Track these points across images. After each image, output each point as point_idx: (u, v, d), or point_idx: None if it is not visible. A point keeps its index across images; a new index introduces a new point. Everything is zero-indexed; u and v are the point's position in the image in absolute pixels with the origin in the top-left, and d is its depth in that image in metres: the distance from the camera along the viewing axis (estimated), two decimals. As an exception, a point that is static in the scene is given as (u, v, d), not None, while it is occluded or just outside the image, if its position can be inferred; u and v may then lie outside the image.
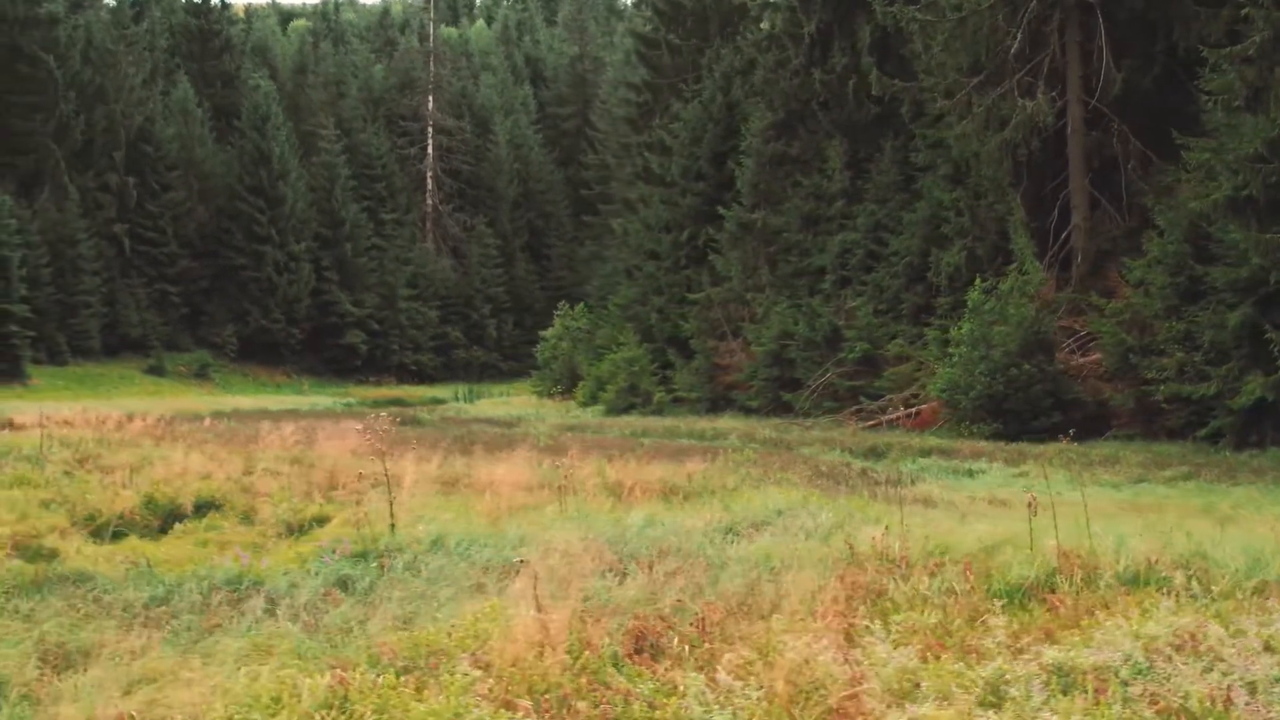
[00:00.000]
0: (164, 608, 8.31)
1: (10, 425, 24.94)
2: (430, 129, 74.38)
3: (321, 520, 12.04)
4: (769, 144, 35.64)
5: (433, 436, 22.66)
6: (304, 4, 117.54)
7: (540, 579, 7.39)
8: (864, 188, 34.35)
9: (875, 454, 22.56)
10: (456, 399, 48.66)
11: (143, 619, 7.94)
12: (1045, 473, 18.96)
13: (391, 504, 11.08)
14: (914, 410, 26.93)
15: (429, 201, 74.02)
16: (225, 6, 72.75)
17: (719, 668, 5.54)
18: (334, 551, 9.84)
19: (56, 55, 57.23)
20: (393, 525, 10.97)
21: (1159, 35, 27.89)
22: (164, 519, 12.38)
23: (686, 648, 5.89)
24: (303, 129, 67.62)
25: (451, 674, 5.20)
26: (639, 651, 6.06)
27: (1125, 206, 28.79)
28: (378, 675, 5.58)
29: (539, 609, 6.04)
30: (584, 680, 5.28)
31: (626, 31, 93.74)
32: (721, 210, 36.08)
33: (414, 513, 12.49)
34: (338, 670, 5.62)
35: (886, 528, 9.87)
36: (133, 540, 11.47)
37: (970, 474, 19.57)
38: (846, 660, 5.69)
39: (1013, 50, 28.23)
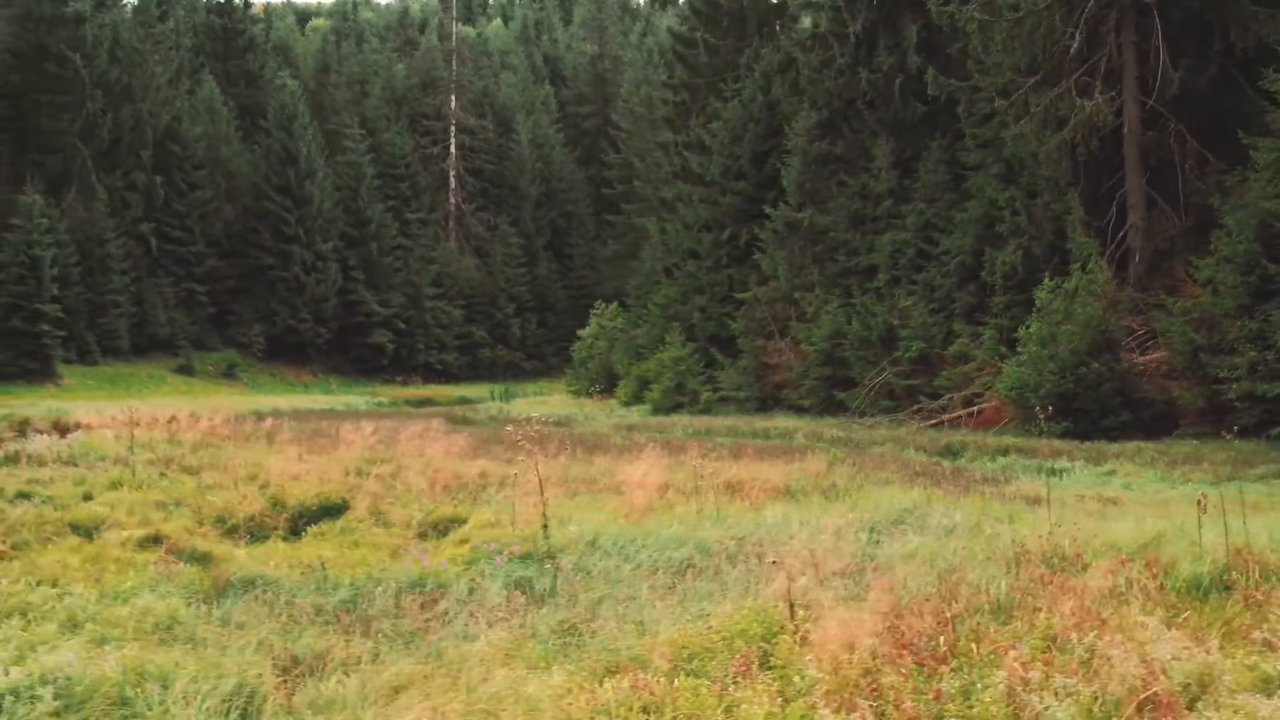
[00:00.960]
0: (356, 611, 8.25)
1: (77, 426, 24.88)
2: (453, 128, 74.31)
3: (456, 521, 11.96)
4: (814, 143, 35.56)
5: (498, 437, 22.54)
6: (318, 3, 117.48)
7: (775, 577, 7.34)
8: (911, 187, 34.29)
9: (950, 453, 22.49)
10: (492, 398, 48.55)
11: (346, 622, 7.87)
12: (1135, 471, 19.01)
13: (545, 505, 11.00)
14: (976, 409, 26.86)
15: (452, 201, 73.94)
16: (248, 5, 72.65)
17: (1017, 666, 5.48)
18: (502, 553, 9.78)
19: (83, 54, 57.11)
20: (545, 526, 10.91)
21: (1215, 35, 27.84)
22: (292, 521, 12.30)
23: (974, 646, 5.82)
24: (326, 128, 67.54)
25: (784, 676, 5.12)
26: (907, 649, 6.01)
27: (1182, 206, 28.73)
28: (670, 679, 5.49)
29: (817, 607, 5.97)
30: (901, 679, 5.21)
31: (644, 31, 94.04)
32: (768, 210, 35.98)
33: (551, 513, 12.44)
34: (633, 673, 5.54)
35: (1051, 528, 9.79)
36: (275, 542, 11.41)
37: (1055, 472, 19.46)
38: (1143, 660, 5.62)
39: (1073, 50, 28.15)
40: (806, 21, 43.13)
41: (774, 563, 7.45)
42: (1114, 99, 28.58)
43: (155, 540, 11.53)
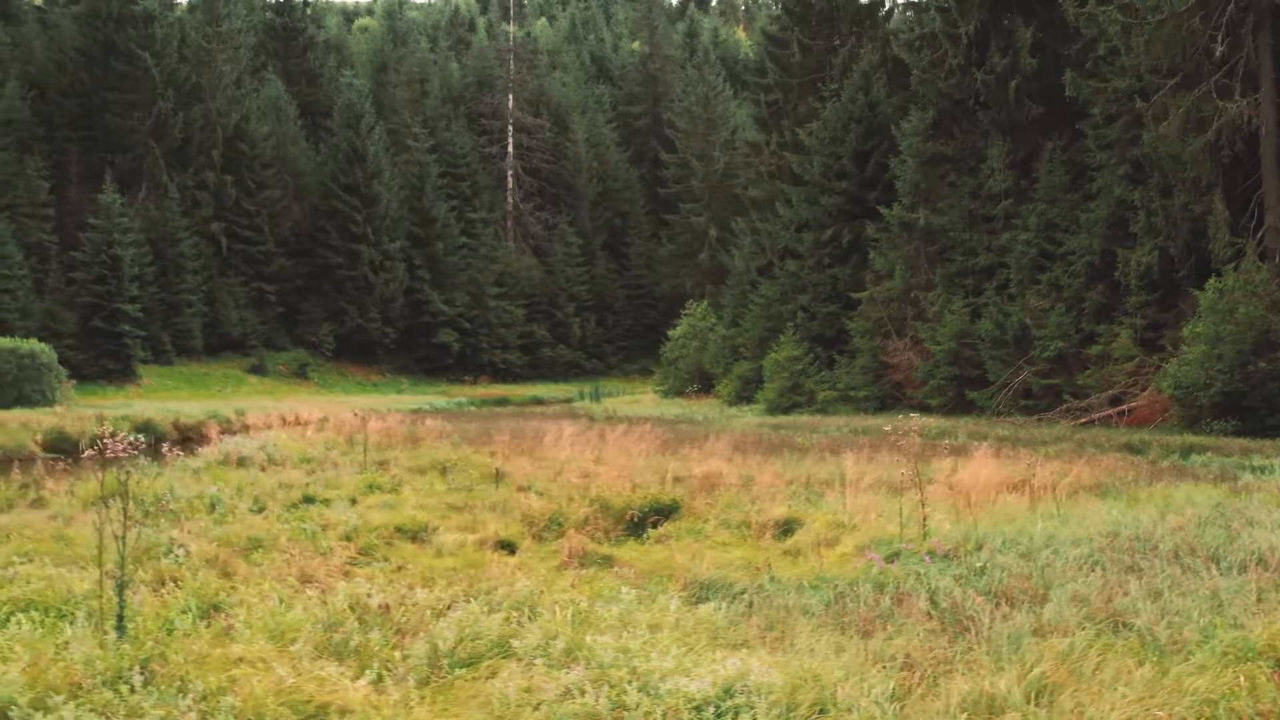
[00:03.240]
0: (834, 609, 8.18)
1: (244, 428, 24.92)
2: (510, 127, 74.28)
3: (794, 522, 11.92)
4: (927, 143, 35.55)
5: (686, 436, 22.53)
6: (356, 3, 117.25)
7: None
8: (1028, 187, 34.27)
9: (1132, 449, 22.43)
10: (580, 397, 48.48)
11: (861, 624, 7.79)
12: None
13: (923, 504, 10.99)
14: (1127, 408, 26.84)
15: (509, 200, 73.92)
16: (306, 4, 72.59)
17: None
18: (926, 554, 9.74)
19: (153, 52, 57.09)
20: (924, 527, 10.90)
21: (1354, 36, 27.83)
22: (621, 523, 12.28)
23: None
24: (387, 127, 67.50)
25: None
26: None
27: (1320, 206, 28.67)
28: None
29: None
30: None
31: (689, 31, 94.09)
32: (881, 210, 35.96)
33: (878, 510, 12.43)
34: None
35: None
36: (629, 545, 11.38)
37: (1260, 470, 19.46)
38: None
39: (1217, 53, 28.13)
40: (903, 22, 43.18)
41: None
42: (1254, 101, 28.56)
43: (501, 544, 11.52)
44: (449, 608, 7.25)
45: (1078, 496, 13.45)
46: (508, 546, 11.43)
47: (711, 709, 5.66)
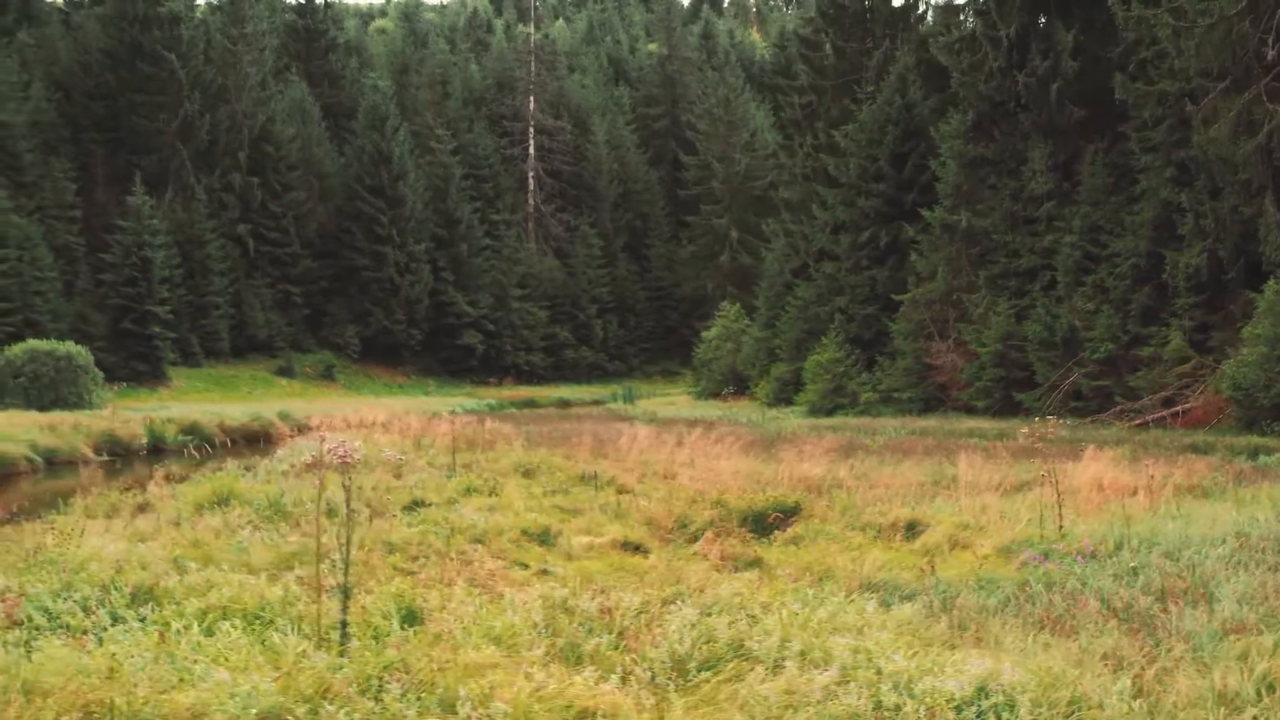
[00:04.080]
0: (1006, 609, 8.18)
1: (303, 429, 24.95)
2: (532, 129, 74.37)
3: (917, 523, 11.93)
4: (968, 145, 35.59)
5: (770, 439, 22.56)
6: (369, 4, 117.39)
7: None
8: (1069, 189, 34.30)
9: (1197, 450, 22.45)
10: (614, 399, 48.53)
11: (1045, 621, 7.79)
12: None
13: (1059, 506, 11.02)
14: (1181, 409, 26.87)
15: (530, 202, 74.01)
16: (328, 6, 72.65)
17: None
18: (1079, 555, 9.76)
19: (179, 54, 57.13)
20: (1061, 527, 10.93)
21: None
22: (745, 525, 12.29)
23: None
24: (410, 129, 67.53)
25: None
26: None
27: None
28: None
29: None
30: None
31: (704, 33, 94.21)
32: (922, 212, 36.01)
33: (998, 512, 12.46)
34: None
35: None
36: (778, 547, 11.38)
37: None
38: None
39: (1269, 56, 28.14)
40: (934, 23, 43.23)
41: None
42: (1311, 103, 28.58)
43: (630, 547, 11.53)
44: (661, 611, 7.24)
45: (1182, 498, 13.49)
46: (638, 549, 11.43)
47: (972, 708, 5.67)
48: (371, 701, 5.66)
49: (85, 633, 6.98)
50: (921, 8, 44.21)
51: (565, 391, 59.24)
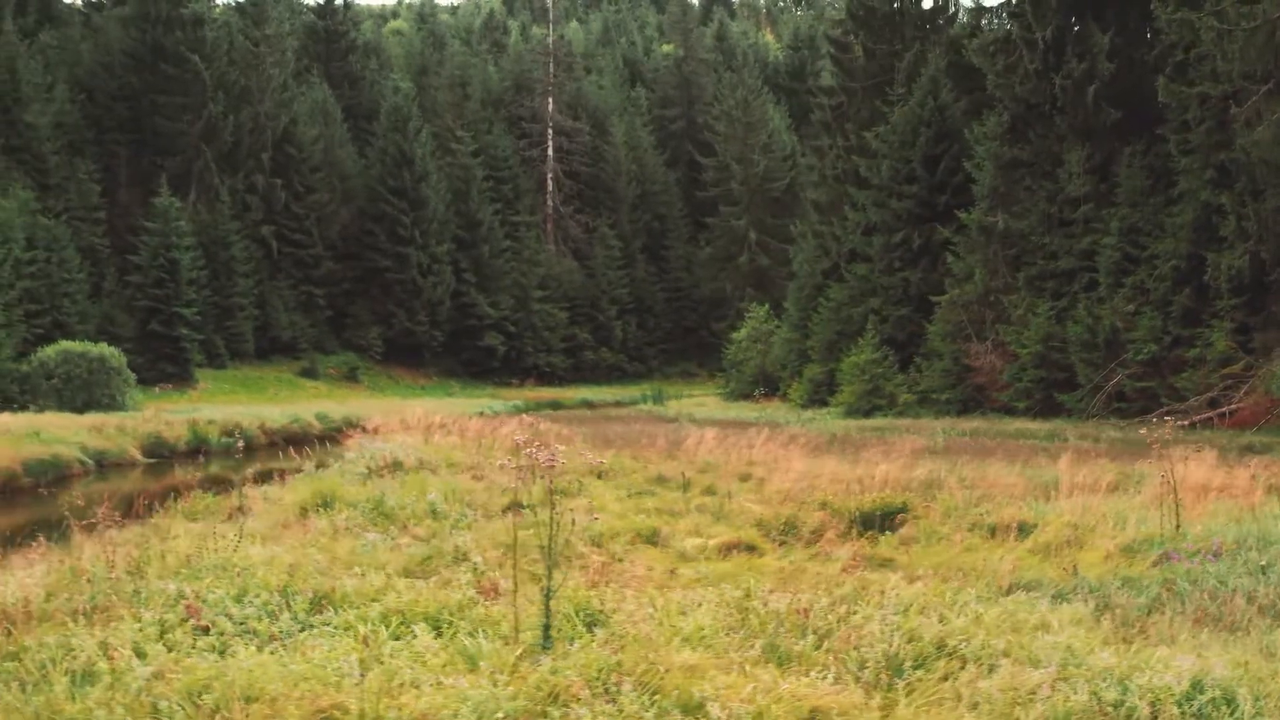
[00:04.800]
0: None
1: (364, 429, 25.03)
2: (550, 130, 74.48)
3: (1026, 524, 11.99)
4: (1004, 147, 35.70)
5: (843, 440, 22.64)
6: (382, 5, 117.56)
7: None
8: (1106, 191, 34.39)
9: (1253, 450, 22.60)
10: (644, 401, 48.61)
11: (1202, 618, 7.85)
12: None
13: (1177, 506, 11.09)
14: (1226, 410, 26.97)
15: (549, 203, 74.13)
16: (348, 6, 72.75)
17: None
18: (1210, 555, 9.83)
19: (203, 55, 57.21)
20: (1178, 524, 11.01)
21: None
22: (852, 526, 12.36)
23: None
24: (430, 130, 67.61)
25: None
26: None
27: None
28: None
29: None
30: None
31: (718, 35, 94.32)
32: (960, 214, 36.10)
33: (1102, 513, 12.53)
34: None
35: None
36: (894, 548, 11.44)
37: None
38: None
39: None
40: (964, 26, 43.32)
41: None
42: (1348, 103, 28.67)
43: (742, 548, 11.60)
44: (847, 612, 7.29)
45: (1270, 497, 13.57)
46: (750, 550, 11.49)
47: (1192, 703, 5.73)
48: (609, 704, 5.67)
49: (273, 638, 6.98)
50: (951, 9, 44.30)
51: (587, 393, 59.28)
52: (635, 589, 9.15)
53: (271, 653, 6.49)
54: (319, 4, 71.61)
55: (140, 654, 6.30)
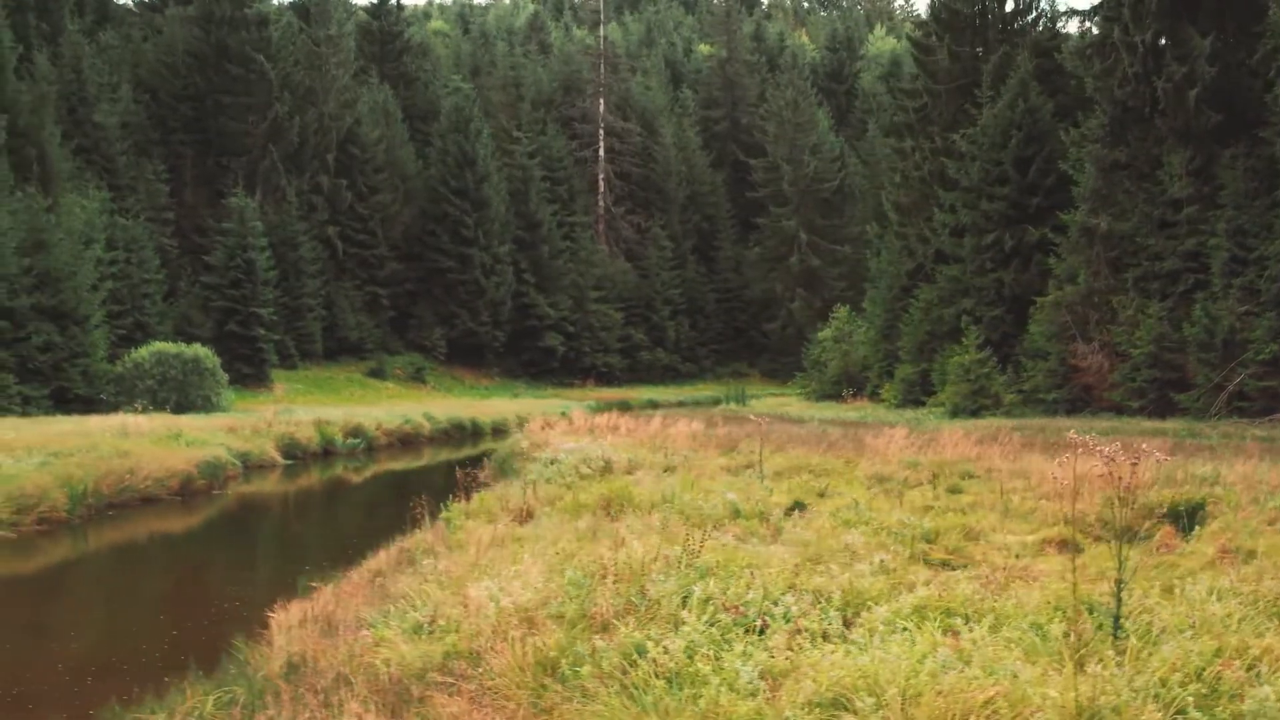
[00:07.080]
0: None
1: (519, 429, 25.27)
2: (601, 131, 74.71)
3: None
4: (1105, 150, 36.00)
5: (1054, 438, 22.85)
6: (414, 5, 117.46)
7: None
8: (1209, 193, 34.70)
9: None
10: (727, 401, 48.85)
11: None
12: None
13: None
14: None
15: (601, 204, 74.37)
16: (400, 7, 72.83)
17: None
18: None
19: (268, 55, 57.32)
20: None
21: None
22: (1168, 521, 12.61)
23: None
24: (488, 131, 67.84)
25: None
26: None
27: None
28: None
29: None
30: None
31: (756, 35, 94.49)
32: (1062, 215, 36.41)
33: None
34: None
35: None
36: (1210, 543, 11.68)
37: None
38: None
39: None
40: (1046, 30, 43.72)
41: None
42: None
43: (1058, 544, 11.88)
44: None
45: None
46: (1069, 546, 11.74)
47: None
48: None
49: (825, 636, 7.18)
50: (1034, 12, 44.61)
51: (649, 393, 59.51)
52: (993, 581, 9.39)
53: (847, 652, 6.74)
54: (372, 4, 71.69)
55: (692, 653, 6.56)
